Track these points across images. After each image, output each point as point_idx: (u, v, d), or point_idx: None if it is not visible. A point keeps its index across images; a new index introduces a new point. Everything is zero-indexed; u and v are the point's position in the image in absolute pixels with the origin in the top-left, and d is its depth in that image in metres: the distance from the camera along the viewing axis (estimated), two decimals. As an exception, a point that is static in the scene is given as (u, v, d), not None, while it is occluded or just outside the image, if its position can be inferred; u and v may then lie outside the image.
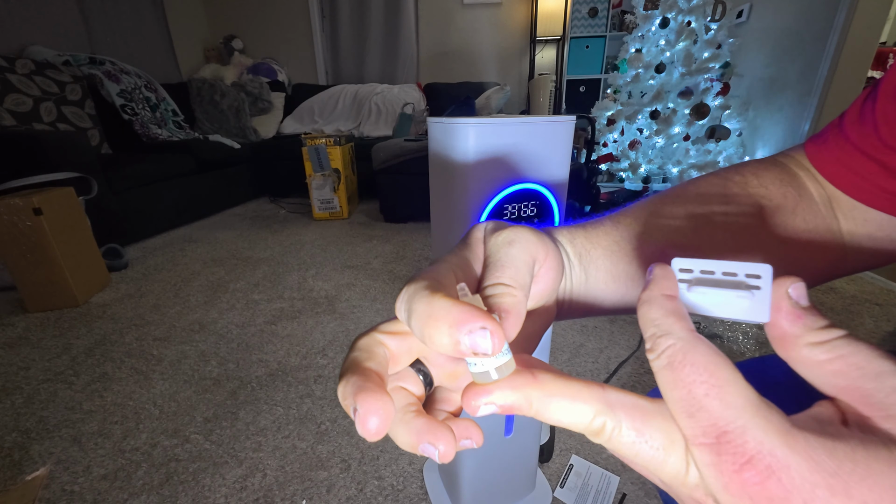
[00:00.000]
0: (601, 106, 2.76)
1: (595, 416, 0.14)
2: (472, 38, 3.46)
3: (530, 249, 0.18)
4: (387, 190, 2.20)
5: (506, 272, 0.17)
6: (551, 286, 0.20)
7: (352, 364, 0.15)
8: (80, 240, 1.39)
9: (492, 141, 0.41)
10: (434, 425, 0.15)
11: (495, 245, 0.18)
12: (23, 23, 2.21)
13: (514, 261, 0.18)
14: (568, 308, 0.24)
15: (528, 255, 0.18)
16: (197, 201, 2.36)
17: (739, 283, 0.14)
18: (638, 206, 0.27)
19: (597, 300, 0.25)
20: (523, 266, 0.18)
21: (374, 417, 0.13)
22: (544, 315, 0.22)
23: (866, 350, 0.12)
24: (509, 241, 0.18)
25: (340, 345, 1.12)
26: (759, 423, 0.12)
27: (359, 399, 0.13)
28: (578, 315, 0.25)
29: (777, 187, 0.26)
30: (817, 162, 0.27)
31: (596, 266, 0.24)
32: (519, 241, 0.18)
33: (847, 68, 1.90)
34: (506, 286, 0.17)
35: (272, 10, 3.47)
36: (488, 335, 0.13)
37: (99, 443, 0.81)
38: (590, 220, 0.26)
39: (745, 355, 1.02)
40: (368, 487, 0.71)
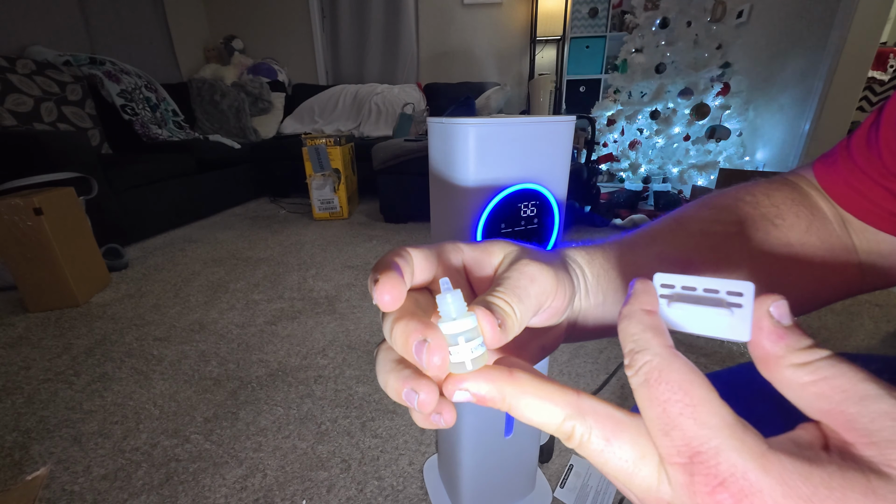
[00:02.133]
0: (601, 106, 2.76)
1: (565, 420, 0.14)
2: (472, 38, 3.46)
3: (546, 290, 0.19)
4: (387, 190, 2.20)
5: (516, 298, 0.17)
6: (556, 315, 0.20)
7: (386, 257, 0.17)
8: (81, 240, 1.39)
9: (492, 141, 0.41)
10: (419, 376, 0.15)
11: (517, 272, 0.18)
12: (23, 23, 2.21)
13: (528, 296, 0.18)
14: (581, 330, 0.25)
15: (543, 296, 0.19)
16: (197, 201, 2.36)
17: (720, 301, 0.14)
18: (654, 228, 0.27)
19: (613, 321, 0.25)
20: (534, 302, 0.18)
21: (388, 295, 0.15)
22: (548, 336, 0.23)
23: (851, 372, 0.12)
24: (532, 277, 0.18)
25: (340, 345, 1.12)
26: (734, 445, 0.11)
27: (382, 274, 0.15)
28: (592, 336, 0.25)
29: (789, 206, 0.26)
30: (825, 183, 0.27)
31: (614, 287, 0.24)
32: (540, 281, 0.18)
33: (847, 68, 1.90)
34: (509, 305, 0.17)
35: (272, 10, 3.47)
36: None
37: (99, 443, 0.81)
38: (608, 241, 0.26)
39: (745, 356, 1.02)
40: (368, 488, 0.71)
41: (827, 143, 2.04)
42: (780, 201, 0.27)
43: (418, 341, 0.14)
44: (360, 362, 1.04)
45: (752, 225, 0.26)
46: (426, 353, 0.14)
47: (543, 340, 0.23)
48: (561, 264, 0.21)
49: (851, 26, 1.83)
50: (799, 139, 2.13)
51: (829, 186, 0.27)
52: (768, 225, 0.26)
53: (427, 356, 0.14)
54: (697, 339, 1.10)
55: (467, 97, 2.76)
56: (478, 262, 0.21)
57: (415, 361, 0.15)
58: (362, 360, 1.05)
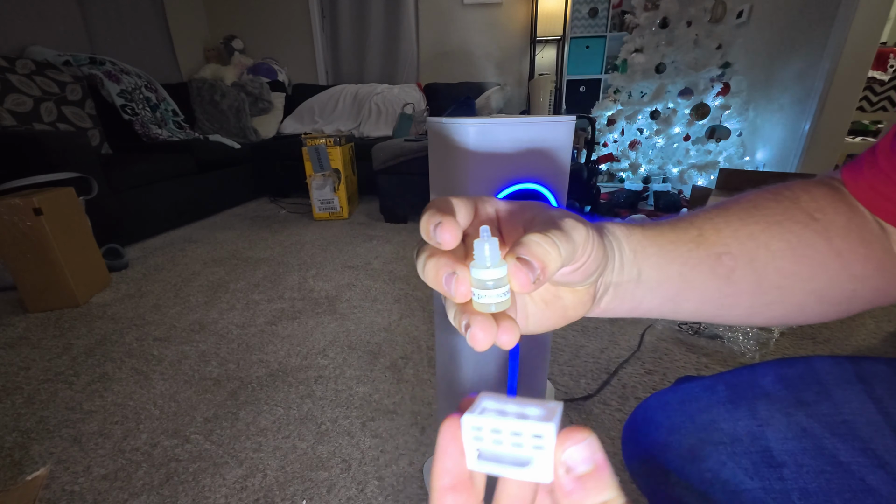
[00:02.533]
0: (601, 106, 2.76)
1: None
2: (472, 38, 3.46)
3: (578, 242, 0.19)
4: (387, 190, 2.20)
5: (563, 237, 0.17)
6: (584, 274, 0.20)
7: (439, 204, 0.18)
8: (81, 240, 1.39)
9: (492, 141, 0.41)
10: (459, 262, 0.17)
11: (562, 220, 0.19)
12: (23, 23, 2.21)
13: (570, 239, 0.18)
14: (613, 304, 0.24)
15: (580, 242, 0.19)
16: (197, 201, 2.36)
17: (523, 448, 0.13)
18: (693, 213, 0.27)
19: (644, 299, 0.25)
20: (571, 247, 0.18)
21: (448, 235, 0.16)
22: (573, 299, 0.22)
23: None
24: (572, 225, 0.18)
25: (341, 345, 1.12)
26: None
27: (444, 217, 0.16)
28: (621, 313, 0.25)
29: (829, 202, 0.26)
30: (852, 187, 0.27)
31: (649, 264, 0.24)
32: (577, 230, 0.19)
33: (847, 68, 1.90)
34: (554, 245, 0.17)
35: (272, 10, 3.47)
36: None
37: (99, 443, 0.81)
38: (648, 221, 0.26)
39: (746, 356, 1.02)
40: (369, 488, 0.71)
41: (827, 143, 2.04)
42: (819, 196, 0.26)
43: (448, 273, 0.16)
44: (361, 362, 1.04)
45: (792, 217, 0.25)
46: (454, 284, 0.16)
47: (567, 302, 0.23)
48: (596, 228, 0.21)
49: (851, 26, 1.83)
50: (799, 139, 2.13)
51: (856, 190, 0.27)
52: (808, 218, 0.25)
53: (455, 286, 0.16)
54: (698, 339, 1.10)
55: (467, 97, 2.76)
56: (511, 215, 0.21)
57: (443, 291, 0.17)
58: (362, 361, 1.05)
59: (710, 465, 0.26)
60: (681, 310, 0.26)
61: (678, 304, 0.25)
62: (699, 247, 0.25)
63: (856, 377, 0.27)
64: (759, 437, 0.26)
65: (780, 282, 0.25)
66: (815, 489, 0.23)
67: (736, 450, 0.26)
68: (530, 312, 0.23)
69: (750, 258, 0.25)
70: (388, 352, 1.08)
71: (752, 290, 0.25)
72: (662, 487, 0.28)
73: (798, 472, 0.24)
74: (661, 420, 0.31)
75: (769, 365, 0.30)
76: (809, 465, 0.24)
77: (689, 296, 0.25)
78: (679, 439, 0.29)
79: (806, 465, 0.24)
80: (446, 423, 0.15)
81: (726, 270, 0.25)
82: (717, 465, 0.26)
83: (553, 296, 0.22)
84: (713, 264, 0.24)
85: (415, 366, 1.02)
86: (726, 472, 0.26)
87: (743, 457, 0.26)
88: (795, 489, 0.23)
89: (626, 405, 0.87)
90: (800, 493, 0.23)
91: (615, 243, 0.23)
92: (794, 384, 0.28)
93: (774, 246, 0.25)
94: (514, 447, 0.14)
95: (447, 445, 0.15)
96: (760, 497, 0.24)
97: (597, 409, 0.86)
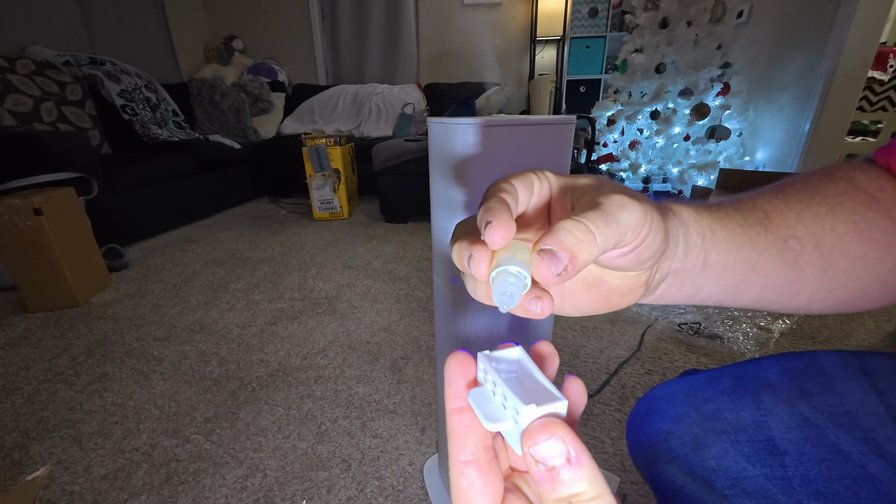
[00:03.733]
0: (601, 106, 2.76)
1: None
2: (472, 38, 3.46)
3: (631, 224, 0.17)
4: (387, 190, 2.20)
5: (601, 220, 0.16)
6: (637, 260, 0.19)
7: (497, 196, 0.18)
8: (81, 240, 1.39)
9: (492, 141, 0.41)
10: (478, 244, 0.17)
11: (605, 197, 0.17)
12: (23, 23, 2.21)
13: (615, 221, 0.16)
14: (667, 290, 0.23)
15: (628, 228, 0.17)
16: (197, 201, 2.36)
17: (506, 410, 0.14)
18: (751, 195, 0.26)
19: (705, 286, 0.23)
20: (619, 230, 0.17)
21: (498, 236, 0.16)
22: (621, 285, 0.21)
23: None
24: (622, 205, 0.17)
25: (341, 345, 1.12)
26: None
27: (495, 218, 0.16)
28: (678, 300, 0.24)
29: (885, 181, 0.25)
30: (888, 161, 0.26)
31: (718, 249, 0.22)
32: (629, 210, 0.17)
33: (847, 68, 1.90)
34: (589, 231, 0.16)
35: (272, 10, 3.47)
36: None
37: (99, 443, 0.81)
38: (712, 202, 0.25)
39: (746, 355, 1.02)
40: (369, 488, 0.71)
41: (827, 143, 2.04)
42: (874, 176, 0.25)
43: (468, 255, 0.17)
44: (361, 362, 1.04)
45: (854, 198, 0.24)
46: (473, 265, 0.17)
47: (613, 287, 0.21)
48: (658, 210, 0.19)
49: (851, 26, 1.83)
50: (799, 139, 2.13)
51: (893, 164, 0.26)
52: (869, 199, 0.24)
53: (474, 267, 0.17)
54: (698, 339, 1.10)
55: (467, 97, 2.76)
56: (563, 192, 0.20)
57: (467, 272, 0.18)
58: (363, 361, 1.05)
59: (714, 452, 0.27)
60: (742, 297, 0.25)
61: (741, 291, 0.24)
62: (766, 230, 0.23)
63: (859, 370, 0.27)
64: (762, 426, 0.26)
65: (846, 266, 0.24)
66: (816, 476, 0.23)
67: (739, 438, 0.26)
68: (567, 291, 0.21)
69: (816, 241, 0.23)
70: (388, 352, 1.08)
71: (818, 275, 0.24)
72: (665, 475, 0.29)
73: (799, 460, 0.24)
74: (665, 409, 0.31)
75: (774, 358, 0.30)
76: (811, 454, 0.24)
77: (753, 282, 0.24)
78: (683, 428, 0.29)
79: (807, 453, 0.24)
80: (451, 356, 0.17)
81: (793, 255, 0.23)
82: (720, 453, 0.26)
83: (596, 278, 0.21)
84: (781, 248, 0.23)
85: (415, 366, 1.02)
86: (729, 460, 0.26)
87: (746, 445, 0.26)
88: (796, 476, 0.24)
89: (625, 405, 0.87)
90: (800, 479, 0.24)
91: (680, 228, 0.21)
92: (799, 376, 0.28)
93: (840, 228, 0.24)
94: (500, 405, 0.15)
95: (452, 374, 0.16)
96: (762, 483, 0.24)
97: (597, 409, 0.86)
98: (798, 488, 0.23)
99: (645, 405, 0.34)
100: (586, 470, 0.12)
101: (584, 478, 0.12)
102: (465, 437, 0.16)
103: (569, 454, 0.12)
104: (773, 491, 0.24)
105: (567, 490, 0.12)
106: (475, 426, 0.16)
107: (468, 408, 0.16)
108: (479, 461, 0.16)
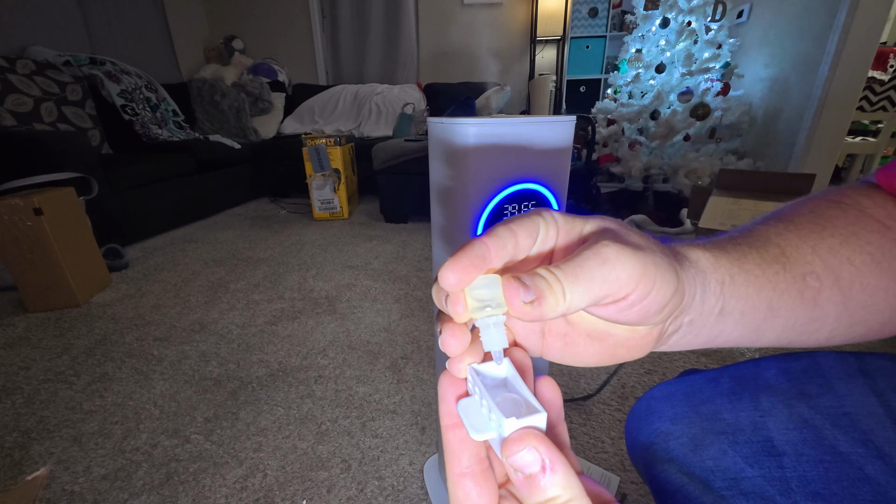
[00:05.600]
0: (601, 106, 2.76)
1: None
2: (472, 38, 3.46)
3: (622, 279, 0.16)
4: (387, 190, 2.20)
5: (570, 277, 0.15)
6: (644, 315, 0.18)
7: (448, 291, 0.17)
8: (81, 240, 1.39)
9: (492, 141, 0.41)
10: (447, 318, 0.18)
11: (590, 251, 0.16)
12: (23, 23, 2.21)
13: (589, 278, 0.15)
14: (680, 340, 0.22)
15: (615, 284, 0.16)
16: (197, 201, 2.36)
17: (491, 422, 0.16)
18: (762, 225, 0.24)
19: (722, 333, 0.22)
20: (596, 287, 0.16)
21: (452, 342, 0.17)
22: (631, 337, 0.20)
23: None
24: (605, 259, 0.16)
25: (341, 345, 1.12)
26: None
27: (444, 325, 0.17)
28: (692, 347, 0.23)
29: (893, 207, 0.24)
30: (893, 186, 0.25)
31: (737, 295, 0.21)
32: (614, 265, 0.16)
33: (847, 68, 1.90)
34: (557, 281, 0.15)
35: (272, 10, 3.47)
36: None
37: (99, 443, 0.81)
38: (723, 237, 0.24)
39: (745, 356, 1.02)
40: (369, 488, 0.71)
41: (827, 143, 2.04)
42: (881, 202, 0.24)
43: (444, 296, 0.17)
44: (361, 362, 1.04)
45: (866, 227, 0.23)
46: (450, 306, 0.17)
47: (620, 339, 0.20)
48: (670, 260, 0.18)
49: (851, 26, 1.83)
50: (799, 140, 2.13)
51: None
52: (881, 227, 0.23)
53: (451, 307, 0.17)
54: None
55: (467, 97, 2.76)
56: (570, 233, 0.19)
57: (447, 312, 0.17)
58: (363, 361, 1.05)
59: (712, 453, 0.27)
60: (762, 339, 0.24)
61: (760, 334, 0.23)
62: (785, 269, 0.22)
63: (859, 371, 0.27)
64: (761, 427, 0.26)
65: (865, 300, 0.23)
66: (814, 477, 0.23)
67: (737, 439, 0.26)
68: (569, 341, 0.21)
69: (835, 276, 0.22)
70: (388, 352, 1.08)
71: (839, 311, 0.23)
72: (664, 475, 0.29)
73: (797, 461, 0.24)
74: (664, 409, 0.31)
75: (774, 359, 0.30)
76: (809, 455, 0.24)
77: (773, 324, 0.23)
78: (682, 428, 0.29)
79: (806, 454, 0.24)
80: (444, 372, 0.18)
81: (813, 293, 0.22)
82: (719, 454, 0.26)
83: (601, 331, 0.20)
84: (800, 287, 0.22)
85: (415, 366, 1.02)
86: (727, 461, 0.26)
87: (744, 446, 0.26)
88: (794, 477, 0.24)
89: (625, 405, 0.87)
90: (798, 480, 0.24)
91: (698, 277, 0.20)
92: (798, 377, 0.28)
93: (857, 260, 0.23)
94: (486, 416, 0.16)
95: (444, 392, 0.18)
96: (760, 484, 0.24)
97: (597, 409, 0.86)
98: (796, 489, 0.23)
99: (644, 405, 0.34)
100: (560, 476, 0.13)
101: (559, 483, 0.13)
102: (460, 452, 0.17)
103: (543, 463, 0.13)
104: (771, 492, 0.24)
105: (543, 495, 0.13)
106: (469, 441, 0.17)
107: (461, 423, 0.17)
108: (473, 473, 0.16)
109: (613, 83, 2.72)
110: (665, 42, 2.37)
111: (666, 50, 2.36)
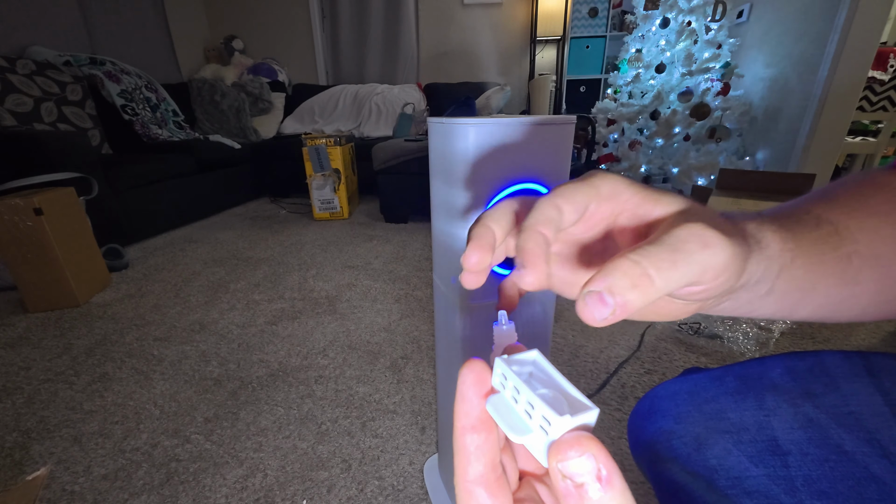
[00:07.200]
0: (601, 106, 2.76)
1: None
2: (472, 38, 3.46)
3: (714, 266, 0.15)
4: (387, 190, 2.20)
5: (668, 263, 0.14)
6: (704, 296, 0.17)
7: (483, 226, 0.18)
8: (81, 240, 1.39)
9: (492, 141, 0.41)
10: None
11: (688, 231, 0.15)
12: (23, 23, 2.21)
13: (691, 262, 0.14)
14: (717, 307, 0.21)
15: (708, 271, 0.15)
16: (197, 201, 2.36)
17: (532, 420, 0.13)
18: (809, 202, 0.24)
19: (762, 307, 0.22)
20: (695, 271, 0.15)
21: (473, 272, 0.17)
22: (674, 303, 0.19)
23: None
24: (706, 243, 0.15)
25: (341, 345, 1.12)
26: None
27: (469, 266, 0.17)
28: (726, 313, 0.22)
29: None
30: None
31: (788, 277, 0.20)
32: (714, 251, 0.15)
33: (847, 68, 1.90)
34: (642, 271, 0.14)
35: (272, 10, 3.47)
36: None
37: (99, 443, 0.81)
38: (788, 208, 0.23)
39: (746, 355, 1.02)
40: (369, 488, 0.71)
41: (827, 143, 2.04)
42: None
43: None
44: (361, 362, 1.04)
45: None
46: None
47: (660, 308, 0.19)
48: (744, 245, 0.17)
49: (851, 26, 1.83)
50: (799, 140, 2.13)
51: None
52: None
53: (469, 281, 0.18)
54: (698, 339, 1.10)
55: (467, 97, 2.76)
56: (641, 206, 0.18)
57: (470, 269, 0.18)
58: (363, 360, 1.05)
59: (716, 452, 0.27)
60: (795, 315, 0.24)
61: (795, 310, 0.23)
62: (835, 248, 0.22)
63: (865, 371, 0.27)
64: (766, 426, 0.26)
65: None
66: (819, 476, 0.23)
67: (742, 438, 0.26)
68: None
69: (875, 255, 0.22)
70: (388, 352, 1.08)
71: (876, 289, 0.23)
72: (667, 474, 0.28)
73: (802, 461, 0.24)
74: (668, 408, 0.31)
75: (779, 358, 0.30)
76: (814, 454, 0.24)
77: (810, 301, 0.23)
78: (686, 427, 0.29)
79: (811, 453, 0.24)
80: (466, 366, 0.15)
81: (854, 272, 0.22)
82: (723, 453, 0.26)
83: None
84: (844, 266, 0.22)
85: (415, 366, 1.02)
86: (731, 460, 0.26)
87: (748, 445, 0.26)
88: (799, 476, 0.24)
89: (625, 405, 0.87)
90: (803, 479, 0.23)
91: (763, 262, 0.19)
92: (803, 376, 0.28)
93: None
94: (524, 413, 0.13)
95: (465, 389, 0.15)
96: (764, 483, 0.24)
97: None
98: (801, 488, 0.23)
99: (647, 404, 0.34)
100: (617, 492, 0.11)
101: (615, 500, 0.11)
102: (477, 459, 0.14)
103: (600, 473, 0.11)
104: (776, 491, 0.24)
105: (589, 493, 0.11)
106: (487, 447, 0.14)
107: (480, 427, 0.15)
108: (488, 481, 0.14)
109: (613, 83, 2.73)
110: (665, 42, 2.37)
111: (666, 50, 2.36)
